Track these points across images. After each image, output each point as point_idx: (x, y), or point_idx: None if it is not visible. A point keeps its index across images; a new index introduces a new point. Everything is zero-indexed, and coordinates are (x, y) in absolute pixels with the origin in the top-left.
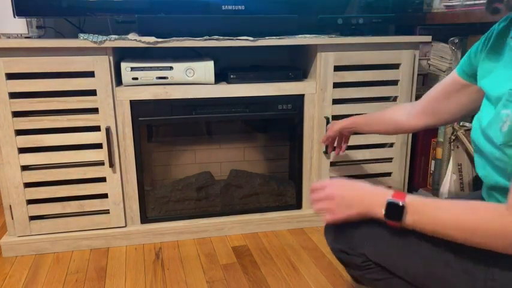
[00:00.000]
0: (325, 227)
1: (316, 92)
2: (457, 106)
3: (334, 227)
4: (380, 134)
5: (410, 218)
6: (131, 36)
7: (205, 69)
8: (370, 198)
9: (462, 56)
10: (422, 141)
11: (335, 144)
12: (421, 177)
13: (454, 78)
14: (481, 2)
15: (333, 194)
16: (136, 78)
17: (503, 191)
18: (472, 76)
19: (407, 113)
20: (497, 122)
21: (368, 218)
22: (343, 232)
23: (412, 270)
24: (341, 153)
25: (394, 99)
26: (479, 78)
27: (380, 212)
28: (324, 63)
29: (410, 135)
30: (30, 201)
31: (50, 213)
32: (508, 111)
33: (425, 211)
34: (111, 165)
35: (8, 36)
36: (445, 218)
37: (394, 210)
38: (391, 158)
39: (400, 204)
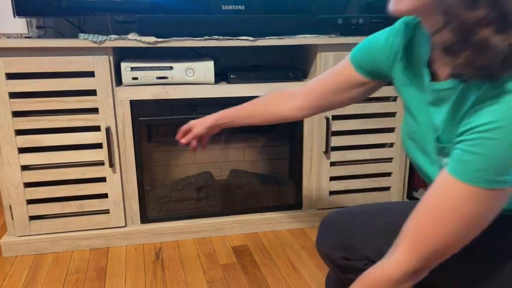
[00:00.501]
0: (317, 241)
1: None
2: (348, 100)
3: (328, 238)
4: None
5: None
6: (131, 36)
7: (205, 69)
8: None
9: None
10: None
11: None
12: (420, 177)
13: (350, 74)
14: None
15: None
16: (136, 78)
17: None
18: (373, 74)
19: (292, 107)
20: (437, 164)
21: (361, 218)
22: (339, 240)
23: None
24: (203, 149)
25: (394, 99)
26: (399, 85)
27: None
28: (324, 63)
29: None
30: (30, 201)
31: (50, 213)
32: (446, 160)
33: None
34: (111, 165)
35: (8, 36)
36: None
37: None
38: (391, 158)
39: None
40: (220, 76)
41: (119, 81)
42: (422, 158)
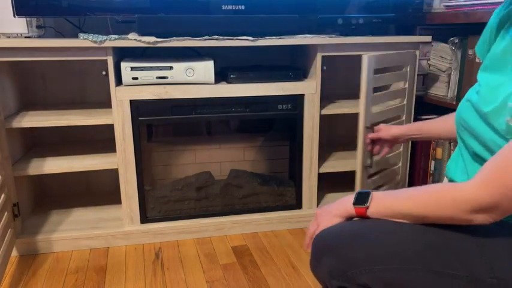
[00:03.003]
0: (312, 265)
1: (316, 92)
2: None
3: (324, 263)
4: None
5: (374, 203)
6: (131, 36)
7: (205, 69)
8: (344, 199)
9: (462, 55)
10: (422, 141)
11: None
12: (421, 177)
13: None
14: (481, 2)
15: (317, 212)
16: (136, 78)
17: None
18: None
19: None
20: (503, 112)
21: (360, 239)
22: (336, 265)
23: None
24: (381, 156)
25: None
26: (492, 47)
27: (350, 202)
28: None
29: None
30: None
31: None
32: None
33: (386, 198)
34: None
35: (8, 35)
36: (402, 199)
37: (362, 197)
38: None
39: (368, 191)
40: (220, 76)
41: (119, 81)
42: (485, 118)
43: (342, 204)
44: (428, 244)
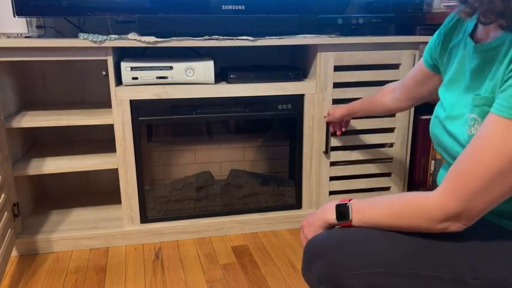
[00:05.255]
0: (303, 270)
1: (316, 92)
2: (430, 90)
3: (314, 267)
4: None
5: (355, 216)
6: (131, 36)
7: (205, 69)
8: (324, 210)
9: None
10: (422, 141)
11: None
12: (421, 177)
13: (421, 68)
14: None
15: (302, 224)
16: (136, 78)
17: None
18: (436, 67)
19: (392, 99)
20: (463, 122)
21: (351, 245)
22: (326, 270)
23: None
24: (339, 133)
25: None
26: (444, 64)
27: (332, 217)
28: (324, 63)
29: (410, 135)
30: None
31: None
32: (474, 116)
33: (365, 210)
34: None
35: (8, 35)
36: (379, 212)
37: (342, 211)
38: (391, 158)
39: (346, 204)
40: (220, 76)
41: (118, 81)
42: (451, 133)
43: (323, 216)
44: (413, 248)
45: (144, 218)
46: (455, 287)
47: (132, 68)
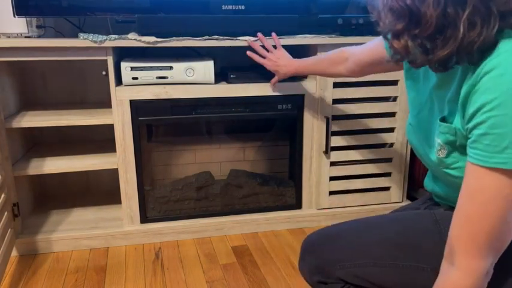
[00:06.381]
0: (298, 264)
1: (316, 92)
2: (386, 70)
3: (306, 260)
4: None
5: None
6: (131, 36)
7: (205, 69)
8: None
9: None
10: None
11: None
12: (421, 177)
13: (381, 51)
14: None
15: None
16: (136, 78)
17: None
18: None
19: (346, 68)
20: (431, 144)
21: (342, 240)
22: (317, 263)
23: (391, 281)
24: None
25: (394, 99)
26: (406, 77)
27: None
28: None
29: None
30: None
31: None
32: (439, 141)
33: None
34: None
35: (8, 35)
36: None
37: None
38: (391, 158)
39: None
40: (220, 76)
41: (118, 81)
42: (424, 143)
43: None
44: (396, 242)
45: (144, 218)
46: (436, 276)
47: (132, 68)
